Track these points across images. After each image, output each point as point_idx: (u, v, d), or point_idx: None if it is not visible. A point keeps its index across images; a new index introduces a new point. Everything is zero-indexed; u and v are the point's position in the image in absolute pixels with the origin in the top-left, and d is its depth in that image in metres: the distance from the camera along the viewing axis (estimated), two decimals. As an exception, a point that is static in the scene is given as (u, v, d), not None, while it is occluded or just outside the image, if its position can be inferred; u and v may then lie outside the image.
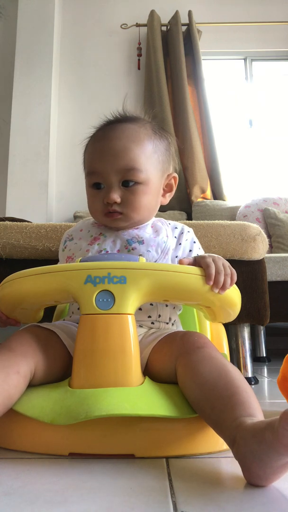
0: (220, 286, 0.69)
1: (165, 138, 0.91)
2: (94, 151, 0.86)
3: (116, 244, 0.86)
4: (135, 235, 0.86)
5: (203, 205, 2.55)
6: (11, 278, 0.72)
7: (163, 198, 0.92)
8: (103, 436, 0.61)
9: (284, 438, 0.45)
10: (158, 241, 0.85)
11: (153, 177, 0.86)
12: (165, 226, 0.90)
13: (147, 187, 0.85)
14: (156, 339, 0.75)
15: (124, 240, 0.85)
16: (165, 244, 0.85)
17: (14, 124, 2.67)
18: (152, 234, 0.87)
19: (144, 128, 0.87)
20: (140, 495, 0.47)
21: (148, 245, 0.84)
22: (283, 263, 1.70)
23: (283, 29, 2.95)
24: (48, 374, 0.70)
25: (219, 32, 2.95)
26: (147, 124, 0.89)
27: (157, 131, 0.90)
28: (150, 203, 0.87)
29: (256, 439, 0.49)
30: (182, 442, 0.62)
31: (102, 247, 0.85)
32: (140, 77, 2.93)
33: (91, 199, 0.87)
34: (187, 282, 0.68)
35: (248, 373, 1.33)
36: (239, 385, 0.59)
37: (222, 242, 1.24)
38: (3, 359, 0.63)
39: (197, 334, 0.72)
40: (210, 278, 0.68)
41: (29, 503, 0.45)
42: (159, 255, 0.84)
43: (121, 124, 0.87)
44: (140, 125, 0.87)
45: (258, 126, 3.00)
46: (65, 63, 2.92)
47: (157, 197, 0.89)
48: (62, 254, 0.94)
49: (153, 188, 0.86)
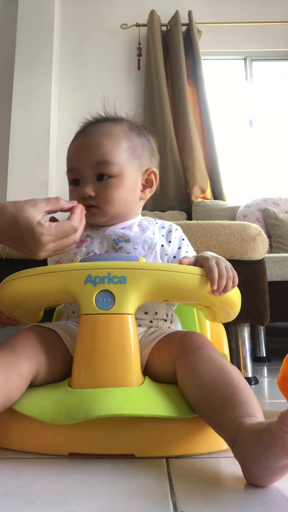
0: (222, 289, 0.69)
1: (143, 135, 0.91)
2: (71, 149, 0.90)
3: (104, 245, 0.86)
4: (121, 234, 0.86)
5: (203, 205, 2.55)
6: (11, 278, 0.72)
7: (142, 194, 0.91)
8: (103, 436, 0.61)
9: (280, 440, 0.45)
10: (144, 238, 0.85)
11: (128, 171, 0.86)
12: (152, 225, 0.90)
13: (120, 181, 0.85)
14: (155, 339, 0.75)
15: (111, 240, 0.85)
16: (152, 240, 0.85)
17: (14, 124, 2.67)
18: (138, 232, 0.87)
19: (120, 125, 0.89)
20: (140, 495, 0.47)
21: (135, 243, 0.84)
22: (283, 263, 1.70)
23: (283, 29, 2.95)
24: (50, 375, 0.69)
25: (219, 32, 2.95)
26: (124, 122, 0.91)
27: (134, 128, 0.90)
28: (126, 197, 0.87)
29: (255, 440, 0.49)
30: (182, 442, 0.62)
31: (90, 249, 0.85)
32: (140, 77, 2.93)
33: (71, 195, 0.89)
34: (187, 282, 0.68)
35: (248, 373, 1.33)
36: (238, 385, 0.59)
37: (222, 242, 1.24)
38: (6, 360, 0.63)
39: (196, 335, 0.72)
40: (213, 282, 0.68)
41: (29, 503, 0.45)
42: (146, 251, 0.84)
43: (97, 123, 0.90)
44: (116, 123, 0.89)
45: (258, 126, 3.00)
46: (65, 63, 2.92)
47: (134, 192, 0.89)
48: (50, 259, 0.94)
49: (128, 182, 0.86)
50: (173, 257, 0.87)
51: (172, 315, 0.88)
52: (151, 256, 0.84)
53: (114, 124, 0.88)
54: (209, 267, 0.69)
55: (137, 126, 0.92)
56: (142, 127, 0.94)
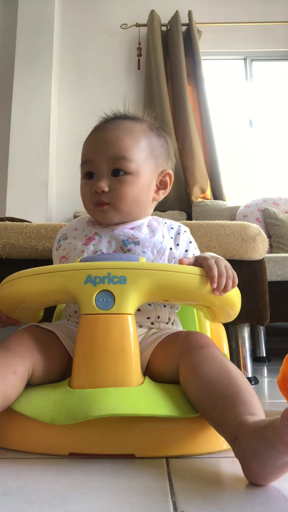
0: (221, 289, 0.69)
1: (162, 137, 0.91)
2: (88, 142, 0.88)
3: (112, 245, 0.85)
4: (130, 235, 0.85)
5: (203, 205, 2.55)
6: (11, 278, 0.72)
7: (156, 195, 0.91)
8: (103, 436, 0.61)
9: (285, 435, 0.46)
10: (154, 241, 0.84)
11: (144, 170, 0.85)
12: (161, 226, 0.89)
13: (136, 179, 0.84)
14: (158, 338, 0.75)
15: (120, 241, 0.84)
16: (161, 245, 0.84)
17: (14, 124, 2.67)
18: (148, 234, 0.86)
19: (140, 124, 0.88)
20: (140, 495, 0.47)
21: (144, 246, 0.83)
22: (283, 263, 1.70)
23: (283, 29, 2.95)
24: (46, 374, 0.70)
25: (219, 32, 2.95)
26: (144, 121, 0.90)
27: (154, 128, 0.90)
28: (139, 196, 0.86)
29: (257, 436, 0.49)
30: (182, 442, 0.62)
31: (97, 247, 0.84)
32: (140, 77, 2.93)
33: (82, 188, 0.88)
34: (187, 282, 0.68)
35: (248, 373, 1.33)
36: (241, 384, 0.59)
37: (222, 242, 1.24)
38: (1, 359, 0.63)
39: (199, 334, 0.72)
40: (213, 281, 0.68)
41: (29, 503, 0.45)
42: (155, 255, 0.83)
43: (118, 119, 0.88)
44: (137, 122, 0.89)
45: (258, 126, 3.00)
46: (65, 63, 2.92)
47: (148, 192, 0.88)
48: (56, 254, 0.92)
49: (143, 181, 0.85)
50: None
51: (175, 319, 0.88)
52: (160, 261, 0.83)
53: (134, 122, 0.88)
54: (209, 266, 0.69)
55: (157, 127, 0.92)
56: (161, 128, 0.93)
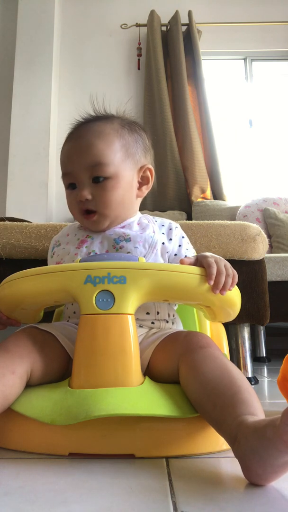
0: (220, 287, 0.69)
1: (135, 131, 0.90)
2: (63, 153, 0.88)
3: (104, 245, 0.85)
4: (121, 233, 0.85)
5: (203, 205, 2.55)
6: (11, 278, 0.72)
7: (139, 191, 0.90)
8: (103, 436, 0.61)
9: (285, 434, 0.46)
10: (144, 236, 0.84)
11: (123, 171, 0.85)
12: (152, 223, 0.90)
13: (117, 182, 0.84)
14: (158, 339, 0.75)
15: (111, 239, 0.85)
16: (152, 239, 0.84)
17: (14, 124, 2.67)
18: (138, 230, 0.86)
19: (110, 123, 0.87)
20: (140, 495, 0.47)
21: (135, 242, 0.83)
22: (283, 263, 1.70)
23: (283, 29, 2.95)
24: (45, 374, 0.70)
25: (219, 32, 2.95)
26: (114, 119, 0.89)
27: (125, 125, 0.89)
28: (123, 197, 0.85)
29: (257, 436, 0.49)
30: (182, 442, 0.62)
31: (90, 249, 0.85)
32: (140, 77, 2.93)
33: (68, 199, 0.89)
34: (187, 282, 0.68)
35: (248, 373, 1.33)
36: (241, 384, 0.59)
37: (222, 242, 1.24)
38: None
39: (200, 334, 0.72)
40: (211, 277, 0.68)
41: (29, 503, 0.45)
42: (147, 249, 0.83)
43: (87, 124, 0.88)
44: (107, 121, 0.87)
45: (258, 126, 3.00)
46: (65, 63, 2.92)
47: (131, 191, 0.88)
48: (50, 261, 0.93)
49: (124, 182, 0.85)
50: (174, 254, 0.87)
51: (174, 315, 0.88)
52: (152, 254, 0.84)
53: (104, 123, 0.87)
54: (208, 263, 0.70)
55: (128, 122, 0.90)
56: (133, 122, 0.92)
